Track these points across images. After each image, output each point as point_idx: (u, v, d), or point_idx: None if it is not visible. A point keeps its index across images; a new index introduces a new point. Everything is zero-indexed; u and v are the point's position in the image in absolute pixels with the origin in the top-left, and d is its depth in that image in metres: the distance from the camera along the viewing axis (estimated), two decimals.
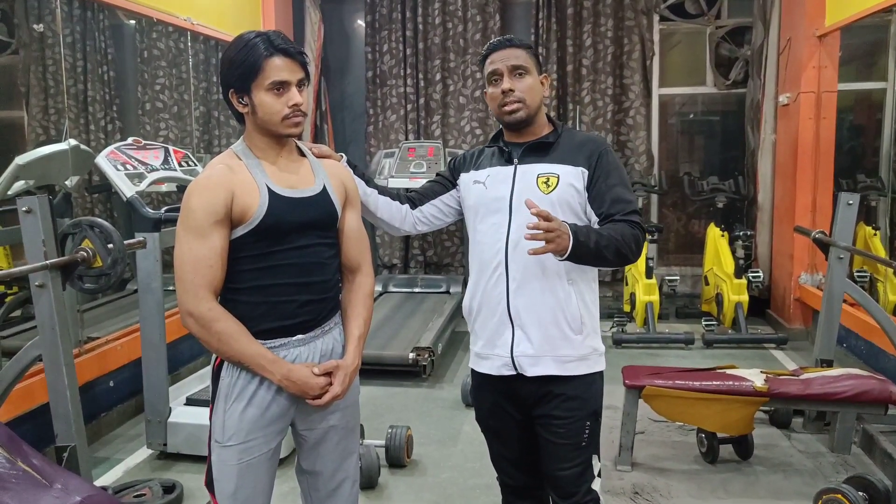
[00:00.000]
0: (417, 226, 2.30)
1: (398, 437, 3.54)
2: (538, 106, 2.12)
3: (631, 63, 6.61)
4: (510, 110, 2.07)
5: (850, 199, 3.79)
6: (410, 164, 6.10)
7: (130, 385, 4.16)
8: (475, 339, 2.21)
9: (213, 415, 1.86)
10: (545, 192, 2.04)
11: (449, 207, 2.30)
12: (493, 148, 2.20)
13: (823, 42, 5.45)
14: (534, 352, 2.06)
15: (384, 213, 2.26)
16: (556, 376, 2.07)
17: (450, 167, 2.31)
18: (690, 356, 5.41)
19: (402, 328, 5.45)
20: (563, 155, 2.08)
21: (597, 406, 2.14)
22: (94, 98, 5.65)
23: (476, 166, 2.20)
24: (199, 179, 1.79)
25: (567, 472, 2.11)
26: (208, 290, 1.74)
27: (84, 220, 2.70)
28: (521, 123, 2.10)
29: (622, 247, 1.95)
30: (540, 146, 2.11)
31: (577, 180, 2.05)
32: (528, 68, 2.08)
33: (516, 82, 2.06)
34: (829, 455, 3.63)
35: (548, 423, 2.10)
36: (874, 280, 5.54)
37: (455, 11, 6.80)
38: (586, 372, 2.10)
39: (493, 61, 2.10)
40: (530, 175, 2.07)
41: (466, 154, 2.29)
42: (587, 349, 2.10)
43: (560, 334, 2.06)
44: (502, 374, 2.12)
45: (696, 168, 7.05)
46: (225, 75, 1.84)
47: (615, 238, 1.95)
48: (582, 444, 2.10)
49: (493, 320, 2.11)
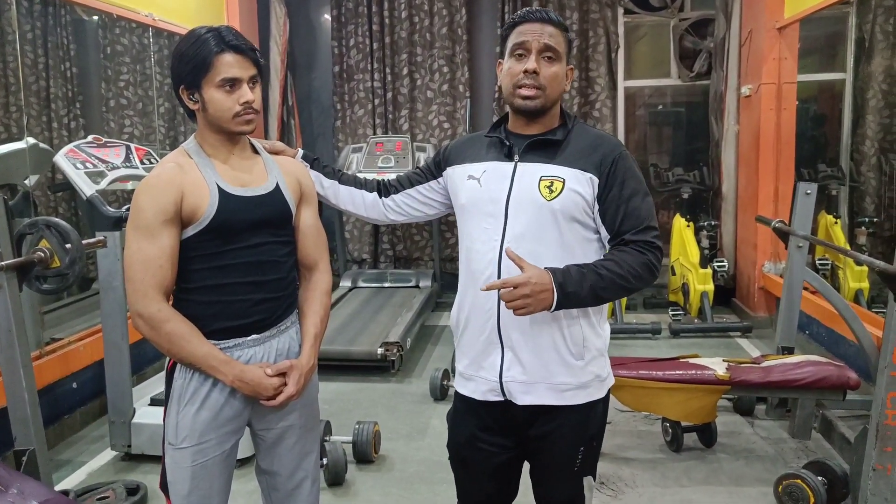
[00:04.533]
0: (389, 214, 2.12)
1: (365, 432, 3.54)
2: (557, 99, 1.86)
3: (596, 56, 6.64)
4: (526, 95, 1.81)
5: (807, 189, 3.85)
6: (378, 158, 6.10)
7: (94, 386, 4.12)
8: (460, 356, 1.98)
9: (167, 417, 1.84)
10: (547, 197, 1.78)
11: (426, 198, 2.09)
12: (492, 138, 1.93)
13: (783, 34, 5.52)
14: (526, 378, 1.84)
15: (347, 204, 2.13)
16: (550, 406, 1.86)
17: (437, 157, 2.09)
18: (658, 346, 5.47)
19: (370, 323, 5.45)
20: (572, 157, 1.82)
21: (594, 431, 1.94)
22: (56, 95, 5.57)
23: (471, 158, 1.94)
24: (149, 178, 1.77)
25: (560, 495, 1.97)
26: (158, 290, 1.73)
27: (40, 219, 2.66)
28: (533, 113, 1.85)
29: (627, 282, 1.73)
30: (546, 143, 1.85)
31: (586, 188, 1.79)
32: (560, 54, 1.82)
33: (543, 66, 1.80)
34: (791, 441, 3.70)
35: (539, 446, 1.93)
36: (836, 268, 5.64)
37: (421, 5, 6.79)
38: (586, 401, 1.87)
39: (523, 32, 1.81)
40: (531, 176, 1.82)
41: (459, 143, 2.04)
42: (589, 376, 1.86)
43: (558, 359, 1.83)
44: (488, 399, 1.90)
45: (662, 159, 7.11)
46: (175, 71, 1.81)
47: (618, 275, 1.72)
48: (575, 469, 1.93)
49: (480, 338, 1.88)
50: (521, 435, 1.94)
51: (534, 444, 1.93)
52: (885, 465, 2.74)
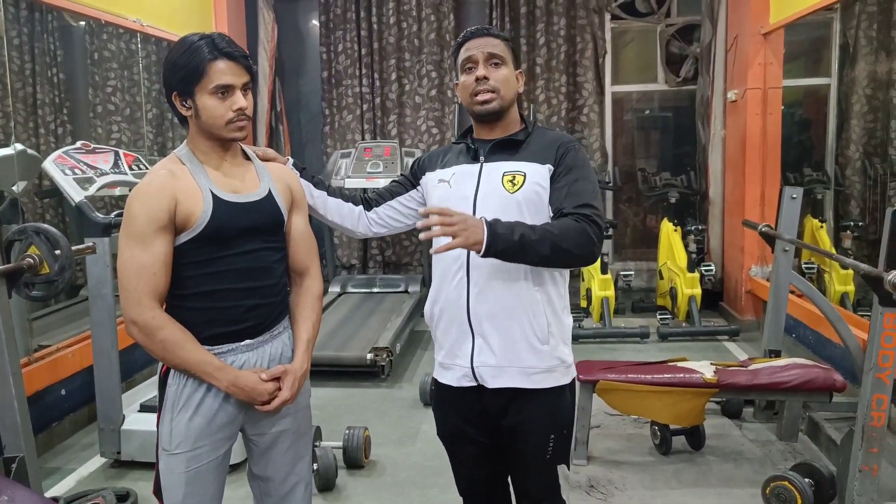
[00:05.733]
0: (372, 227, 2.21)
1: (356, 437, 3.55)
2: (512, 99, 2.01)
3: (584, 61, 6.69)
4: (483, 100, 1.96)
5: (793, 194, 3.89)
6: (367, 164, 6.10)
7: (83, 393, 4.10)
8: (438, 347, 2.10)
9: (161, 423, 1.84)
10: (510, 190, 1.93)
11: (407, 209, 2.20)
12: (460, 145, 2.10)
13: (768, 39, 5.58)
14: (496, 362, 1.96)
15: (335, 216, 2.19)
16: (521, 389, 1.96)
17: (413, 167, 2.21)
18: (646, 349, 5.50)
19: (360, 328, 5.45)
20: (532, 153, 1.97)
21: (566, 420, 2.05)
22: (44, 101, 5.55)
23: (442, 165, 2.09)
24: (141, 185, 1.77)
25: (535, 484, 2.07)
26: (152, 297, 1.73)
27: (30, 226, 2.65)
28: (493, 116, 1.99)
29: (561, 241, 1.77)
30: (509, 144, 2.00)
31: (544, 179, 1.94)
32: (504, 59, 1.98)
33: (492, 71, 1.96)
34: (778, 443, 3.73)
35: (514, 435, 2.03)
36: (821, 271, 5.69)
37: (409, 11, 6.81)
38: (554, 385, 1.99)
39: (468, 48, 2.00)
40: (496, 173, 1.96)
41: (433, 153, 2.19)
42: (554, 360, 1.98)
43: (525, 344, 1.95)
44: (462, 385, 2.02)
45: (650, 164, 7.16)
46: (168, 78, 1.81)
47: (550, 232, 1.78)
48: (546, 457, 2.02)
49: (453, 328, 2.01)
50: (496, 426, 2.05)
51: (507, 435, 2.04)
52: (871, 465, 2.77)
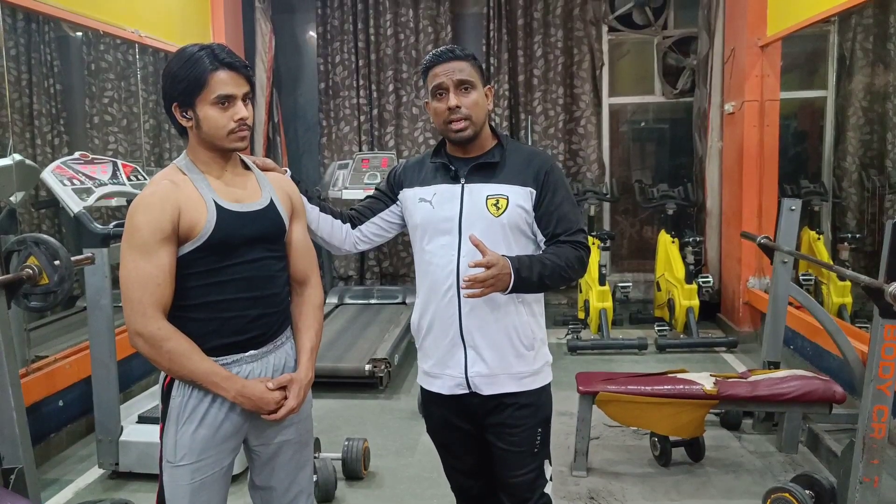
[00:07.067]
0: (358, 245, 2.26)
1: (355, 449, 3.53)
2: (484, 121, 2.08)
3: (581, 73, 6.72)
4: (457, 129, 2.02)
5: (792, 205, 3.90)
6: (364, 175, 6.10)
7: (81, 404, 4.08)
8: (424, 356, 2.19)
9: (164, 435, 1.83)
10: (495, 214, 2.02)
11: (389, 223, 2.26)
12: (437, 163, 2.13)
13: (765, 52, 5.61)
14: (489, 371, 2.07)
15: (324, 232, 2.21)
16: (512, 392, 2.09)
17: (389, 180, 2.25)
18: (644, 361, 5.49)
19: (358, 340, 5.44)
20: (511, 174, 2.06)
21: (548, 413, 2.17)
22: (41, 111, 5.54)
23: (420, 182, 2.14)
24: (143, 196, 1.76)
25: (521, 479, 2.13)
26: (157, 308, 1.72)
27: (29, 236, 2.64)
28: (468, 140, 2.06)
29: (565, 272, 2.01)
30: (486, 165, 2.07)
31: (527, 201, 2.04)
32: (473, 83, 2.03)
33: (462, 98, 2.01)
34: (778, 454, 3.72)
35: (500, 431, 2.11)
36: (819, 283, 5.70)
37: (407, 23, 6.84)
38: (540, 385, 2.14)
39: (437, 74, 2.03)
40: (479, 195, 2.04)
41: (407, 166, 2.22)
42: (540, 363, 2.13)
43: (514, 352, 2.08)
44: (455, 393, 2.12)
45: (647, 175, 7.17)
46: (168, 89, 1.81)
47: (558, 265, 1.99)
48: (534, 451, 2.12)
49: (444, 341, 2.10)
50: (482, 423, 2.15)
51: (494, 430, 2.13)
52: (872, 477, 2.76)
